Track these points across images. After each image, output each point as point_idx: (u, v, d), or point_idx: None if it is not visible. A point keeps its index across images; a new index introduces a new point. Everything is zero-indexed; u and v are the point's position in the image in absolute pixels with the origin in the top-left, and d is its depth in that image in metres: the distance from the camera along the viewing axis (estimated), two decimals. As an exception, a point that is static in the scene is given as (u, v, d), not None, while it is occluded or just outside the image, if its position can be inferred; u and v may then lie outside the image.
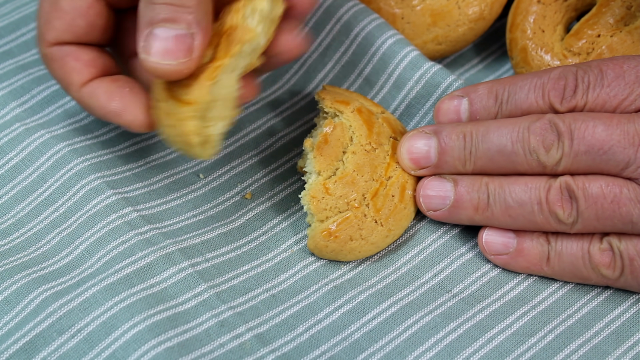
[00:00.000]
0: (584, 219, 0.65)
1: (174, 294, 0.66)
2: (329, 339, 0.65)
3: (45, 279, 0.67)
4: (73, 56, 0.68)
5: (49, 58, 0.68)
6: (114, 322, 0.64)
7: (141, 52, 0.63)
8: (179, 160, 0.74)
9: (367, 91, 0.77)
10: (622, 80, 0.65)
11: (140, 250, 0.67)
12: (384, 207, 0.68)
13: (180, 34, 0.62)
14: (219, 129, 0.65)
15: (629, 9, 0.74)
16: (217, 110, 0.64)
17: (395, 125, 0.71)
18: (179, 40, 0.62)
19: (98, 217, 0.69)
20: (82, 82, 0.68)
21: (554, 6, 0.77)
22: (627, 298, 0.67)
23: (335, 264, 0.69)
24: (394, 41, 0.76)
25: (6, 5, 0.82)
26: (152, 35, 0.62)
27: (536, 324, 0.66)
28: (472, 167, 0.67)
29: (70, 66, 0.68)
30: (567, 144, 0.65)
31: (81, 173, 0.71)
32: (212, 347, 0.64)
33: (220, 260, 0.69)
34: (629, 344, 0.65)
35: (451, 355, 0.64)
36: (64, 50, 0.68)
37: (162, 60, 0.62)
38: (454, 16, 0.78)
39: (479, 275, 0.68)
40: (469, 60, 0.82)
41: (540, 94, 0.67)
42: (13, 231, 0.70)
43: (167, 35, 0.62)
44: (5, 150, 0.73)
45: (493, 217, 0.67)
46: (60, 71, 0.68)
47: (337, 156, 0.69)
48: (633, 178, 0.64)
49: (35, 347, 0.64)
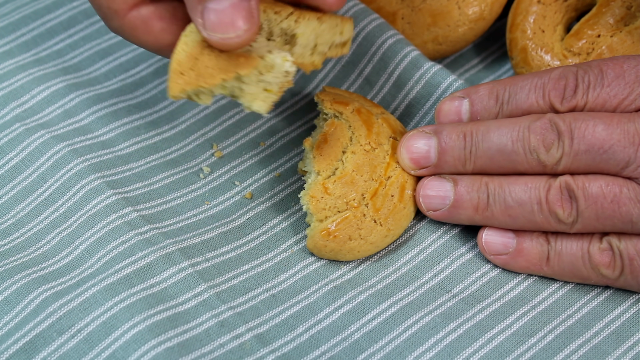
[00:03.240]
0: (583, 219, 0.65)
1: (174, 294, 0.66)
2: (329, 339, 0.65)
3: (45, 279, 0.67)
4: (155, 17, 0.64)
5: (131, 28, 0.64)
6: (114, 322, 0.64)
7: (201, 29, 0.61)
8: (179, 160, 0.74)
9: (367, 91, 0.77)
10: (622, 80, 0.66)
11: (140, 250, 0.67)
12: (383, 207, 0.68)
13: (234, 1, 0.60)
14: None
15: (629, 9, 0.74)
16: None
17: (395, 125, 0.71)
18: (236, 8, 0.60)
19: (98, 217, 0.69)
20: (174, 41, 0.64)
21: (554, 6, 0.77)
22: (627, 298, 0.67)
23: (335, 264, 0.69)
24: (394, 41, 0.76)
25: (6, 5, 0.82)
26: (206, 10, 0.60)
27: (536, 324, 0.66)
28: (472, 167, 0.67)
29: (157, 28, 0.64)
30: (567, 143, 0.65)
31: (81, 173, 0.71)
32: (212, 347, 0.64)
33: (220, 260, 0.69)
34: (629, 344, 0.65)
35: (451, 355, 0.64)
36: (142, 14, 0.64)
37: (226, 34, 0.60)
38: (454, 16, 0.78)
39: (479, 276, 0.68)
40: (469, 60, 0.82)
41: (540, 94, 0.67)
42: (13, 231, 0.70)
43: (222, 7, 0.60)
44: (5, 150, 0.73)
45: (493, 217, 0.67)
46: (149, 37, 0.65)
47: (336, 156, 0.69)
48: (633, 177, 0.64)
49: (35, 347, 0.64)
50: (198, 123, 0.76)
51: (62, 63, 0.79)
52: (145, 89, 0.78)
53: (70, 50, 0.80)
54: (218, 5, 0.60)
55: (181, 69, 0.62)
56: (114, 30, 0.65)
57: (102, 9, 0.64)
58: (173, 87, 0.62)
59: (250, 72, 0.62)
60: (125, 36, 0.65)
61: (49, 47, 0.80)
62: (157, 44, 0.65)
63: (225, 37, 0.61)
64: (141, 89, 0.78)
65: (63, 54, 0.80)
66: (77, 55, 0.80)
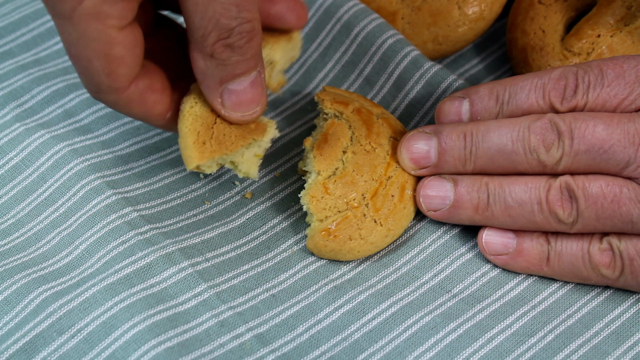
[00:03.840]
0: (584, 219, 0.65)
1: (174, 294, 0.66)
2: (329, 339, 0.65)
3: (45, 279, 0.67)
4: (150, 90, 0.65)
5: (126, 102, 0.64)
6: (114, 322, 0.64)
7: (220, 109, 0.64)
8: (179, 160, 0.74)
9: (367, 91, 0.77)
10: (622, 80, 0.66)
11: (140, 250, 0.67)
12: (384, 207, 0.68)
13: (253, 79, 0.63)
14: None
15: (629, 9, 0.74)
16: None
17: (395, 126, 0.71)
18: (254, 86, 0.63)
19: (98, 217, 0.69)
20: (167, 110, 0.66)
21: (554, 6, 0.77)
22: (627, 298, 0.67)
23: (335, 264, 0.69)
24: (394, 41, 0.76)
25: (6, 5, 0.82)
26: (227, 92, 0.63)
27: (536, 324, 0.66)
28: (472, 167, 0.67)
29: (151, 101, 0.65)
30: (568, 143, 0.65)
31: (81, 173, 0.71)
32: (212, 347, 0.64)
33: (220, 260, 0.69)
34: (629, 344, 0.65)
35: (451, 355, 0.64)
36: (140, 88, 0.64)
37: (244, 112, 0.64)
38: (454, 16, 0.78)
39: (479, 275, 0.68)
40: (469, 60, 0.82)
41: (540, 94, 0.67)
42: (13, 231, 0.70)
43: (243, 87, 0.63)
44: (5, 150, 0.73)
45: (493, 217, 0.67)
46: (141, 109, 0.65)
47: (336, 156, 0.69)
48: (633, 177, 0.64)
49: (35, 347, 0.64)
50: (198, 123, 0.76)
51: (62, 63, 0.79)
52: (145, 89, 0.78)
53: (70, 50, 0.80)
54: (239, 86, 0.63)
55: (202, 139, 0.65)
56: (106, 103, 0.65)
57: (100, 86, 0.63)
58: (198, 156, 0.65)
59: (263, 137, 0.66)
60: (117, 108, 0.65)
61: (49, 47, 0.80)
62: (148, 114, 0.65)
63: (245, 114, 0.64)
64: (141, 89, 0.78)
65: (63, 54, 0.80)
66: (77, 55, 0.80)
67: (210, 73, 0.63)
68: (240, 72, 0.63)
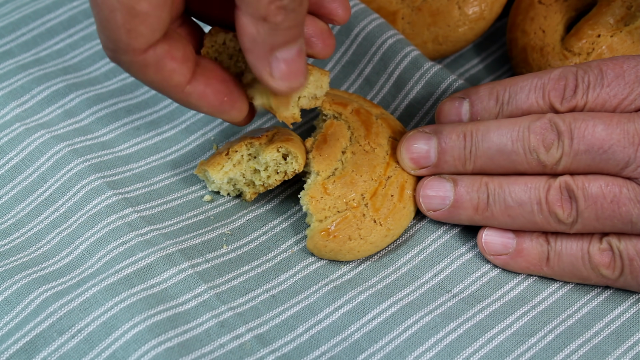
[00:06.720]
0: (583, 219, 0.65)
1: (174, 295, 0.66)
2: (329, 340, 0.65)
3: (45, 279, 0.67)
4: (169, 57, 0.62)
5: (142, 65, 0.62)
6: (114, 322, 0.64)
7: (268, 79, 0.62)
8: (180, 161, 0.74)
9: (367, 91, 0.77)
10: (622, 80, 0.66)
11: (140, 251, 0.67)
12: (383, 207, 0.68)
13: (299, 48, 0.61)
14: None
15: (629, 9, 0.74)
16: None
17: (395, 126, 0.71)
18: (300, 55, 0.62)
19: (98, 218, 0.69)
20: (186, 82, 0.64)
21: (555, 6, 0.77)
22: (627, 298, 0.67)
23: (335, 264, 0.69)
24: (394, 41, 0.76)
25: (6, 5, 0.82)
26: (276, 60, 0.61)
27: (536, 324, 0.66)
28: (472, 167, 0.67)
29: (168, 69, 0.62)
30: (567, 143, 0.65)
31: (81, 173, 0.71)
32: (212, 347, 0.64)
33: (221, 261, 0.69)
34: (629, 344, 0.65)
35: (451, 355, 0.64)
36: (157, 53, 0.62)
37: (292, 82, 0.62)
38: (454, 16, 0.78)
39: (479, 275, 0.68)
40: (469, 60, 0.82)
41: (540, 95, 0.67)
42: (13, 231, 0.70)
43: (292, 56, 0.61)
44: (5, 150, 0.73)
45: (493, 217, 0.67)
46: (157, 76, 0.63)
47: (336, 156, 0.69)
48: (633, 177, 0.64)
49: (36, 347, 0.64)
50: (198, 123, 0.76)
51: (62, 63, 0.79)
52: (146, 89, 0.78)
53: (70, 50, 0.80)
54: (288, 54, 0.61)
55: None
56: (120, 64, 0.63)
57: (117, 43, 0.61)
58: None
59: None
60: (132, 72, 0.63)
61: (49, 47, 0.80)
62: (164, 83, 0.63)
63: (292, 85, 0.62)
64: (141, 89, 0.78)
65: (63, 54, 0.80)
66: (77, 55, 0.80)
67: (262, 39, 0.60)
68: (290, 39, 0.60)
